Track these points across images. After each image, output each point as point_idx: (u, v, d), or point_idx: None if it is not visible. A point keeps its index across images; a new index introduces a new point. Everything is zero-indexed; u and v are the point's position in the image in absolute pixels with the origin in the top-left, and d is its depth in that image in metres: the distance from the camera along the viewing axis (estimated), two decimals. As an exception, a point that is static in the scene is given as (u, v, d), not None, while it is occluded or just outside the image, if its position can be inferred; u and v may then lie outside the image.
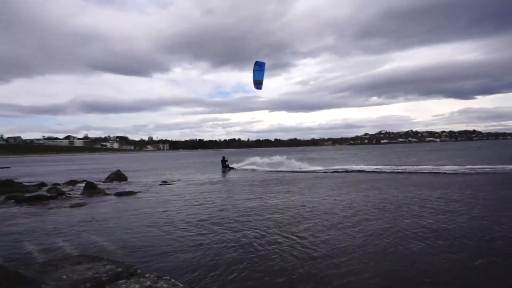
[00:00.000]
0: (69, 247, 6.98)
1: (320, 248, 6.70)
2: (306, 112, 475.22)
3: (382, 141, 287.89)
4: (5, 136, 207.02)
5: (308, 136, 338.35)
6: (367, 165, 29.44)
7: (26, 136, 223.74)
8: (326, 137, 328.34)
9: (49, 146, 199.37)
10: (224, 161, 32.97)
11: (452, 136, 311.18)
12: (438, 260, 5.83)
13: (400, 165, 28.06)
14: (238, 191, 16.30)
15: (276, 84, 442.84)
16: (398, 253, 6.31)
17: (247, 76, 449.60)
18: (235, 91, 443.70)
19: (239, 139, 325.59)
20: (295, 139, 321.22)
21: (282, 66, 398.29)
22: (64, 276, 4.28)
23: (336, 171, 25.83)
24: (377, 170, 24.61)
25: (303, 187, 16.87)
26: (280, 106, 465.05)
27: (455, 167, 23.49)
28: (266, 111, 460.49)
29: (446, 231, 7.65)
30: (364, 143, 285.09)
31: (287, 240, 7.31)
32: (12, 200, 14.10)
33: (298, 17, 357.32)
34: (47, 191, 17.07)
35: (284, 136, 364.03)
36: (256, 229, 8.38)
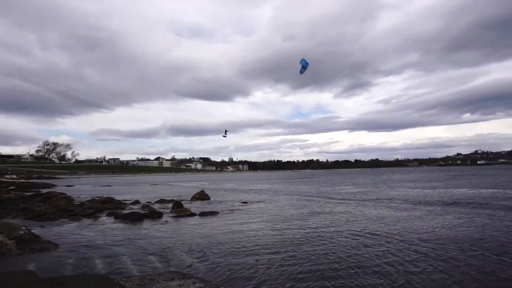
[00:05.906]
0: (160, 263, 7.60)
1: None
2: (389, 131, 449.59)
3: (478, 162, 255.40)
4: (107, 157, 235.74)
5: (391, 157, 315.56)
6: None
7: (123, 157, 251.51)
8: (411, 158, 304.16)
9: (141, 167, 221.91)
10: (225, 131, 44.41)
11: None
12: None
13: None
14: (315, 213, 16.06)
15: (356, 104, 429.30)
16: None
17: (326, 97, 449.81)
18: (314, 112, 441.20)
19: (317, 160, 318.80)
20: (377, 159, 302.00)
21: (362, 85, 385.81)
22: (159, 291, 4.71)
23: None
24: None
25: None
26: (361, 126, 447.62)
27: None
28: (346, 131, 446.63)
29: None
30: (457, 164, 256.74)
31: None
32: (113, 216, 15.88)
33: (379, 36, 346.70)
34: (141, 208, 18.91)
35: (365, 157, 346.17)
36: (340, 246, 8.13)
